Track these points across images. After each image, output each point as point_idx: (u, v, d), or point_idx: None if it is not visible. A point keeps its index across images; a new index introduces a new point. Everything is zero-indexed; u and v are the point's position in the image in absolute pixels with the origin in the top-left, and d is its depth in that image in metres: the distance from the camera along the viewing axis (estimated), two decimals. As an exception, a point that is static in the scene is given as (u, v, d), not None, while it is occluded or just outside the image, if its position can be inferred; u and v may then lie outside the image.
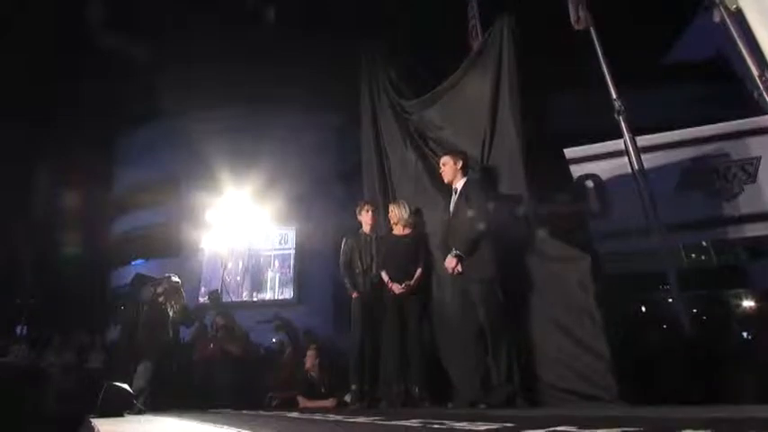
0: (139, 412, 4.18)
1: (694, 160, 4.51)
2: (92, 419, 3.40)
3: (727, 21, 3.39)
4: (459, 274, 3.27)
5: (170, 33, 15.09)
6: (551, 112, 3.57)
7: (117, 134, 18.94)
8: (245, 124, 15.89)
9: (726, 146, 4.47)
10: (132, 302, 5.65)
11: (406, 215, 3.99)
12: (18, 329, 9.51)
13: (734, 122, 4.58)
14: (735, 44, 3.40)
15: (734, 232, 4.43)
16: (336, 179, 13.89)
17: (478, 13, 5.39)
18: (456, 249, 3.29)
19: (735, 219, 4.31)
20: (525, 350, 3.17)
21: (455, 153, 3.66)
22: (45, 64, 15.27)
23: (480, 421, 1.85)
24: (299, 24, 15.78)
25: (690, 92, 11.20)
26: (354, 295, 4.06)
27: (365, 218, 4.25)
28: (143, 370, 4.80)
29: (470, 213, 3.31)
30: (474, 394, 3.22)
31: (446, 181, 3.64)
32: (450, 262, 3.28)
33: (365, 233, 4.22)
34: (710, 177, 4.46)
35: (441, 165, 3.66)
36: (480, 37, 5.00)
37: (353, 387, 3.96)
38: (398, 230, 4.03)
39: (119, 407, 3.85)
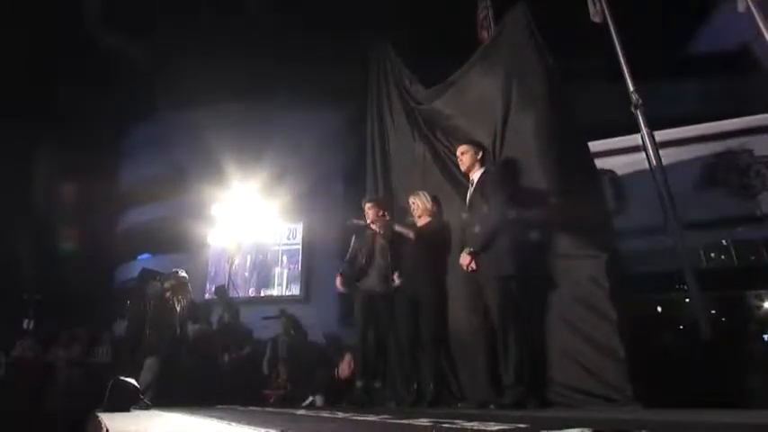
0: (146, 407, 4.16)
1: (715, 156, 4.37)
2: (98, 414, 3.38)
3: (753, 10, 3.27)
4: (474, 271, 3.15)
5: (175, 27, 15.12)
6: (570, 104, 3.45)
7: (122, 128, 19.03)
8: (252, 118, 15.89)
9: (749, 141, 4.32)
10: (139, 297, 5.63)
11: (429, 205, 3.91)
12: (25, 324, 9.59)
13: (758, 117, 4.42)
14: (760, 35, 3.28)
15: (756, 231, 4.30)
16: (345, 174, 13.85)
17: (491, 3, 5.30)
18: (470, 246, 3.18)
19: (757, 217, 4.18)
20: (538, 349, 3.09)
21: (475, 142, 3.54)
22: (47, 59, 15.36)
23: (492, 421, 1.79)
24: (306, 18, 15.74)
25: (711, 85, 10.96)
26: (338, 282, 4.13)
27: (368, 214, 4.20)
28: (150, 365, 4.79)
29: (485, 208, 3.21)
30: (484, 394, 3.15)
31: (464, 170, 3.51)
32: (465, 259, 3.16)
33: (370, 229, 4.18)
34: (732, 174, 4.31)
35: (459, 153, 3.53)
36: (493, 27, 4.92)
37: (359, 384, 3.92)
38: (421, 222, 3.95)
39: (125, 402, 3.83)
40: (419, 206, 3.94)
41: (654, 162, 4.03)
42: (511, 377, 2.93)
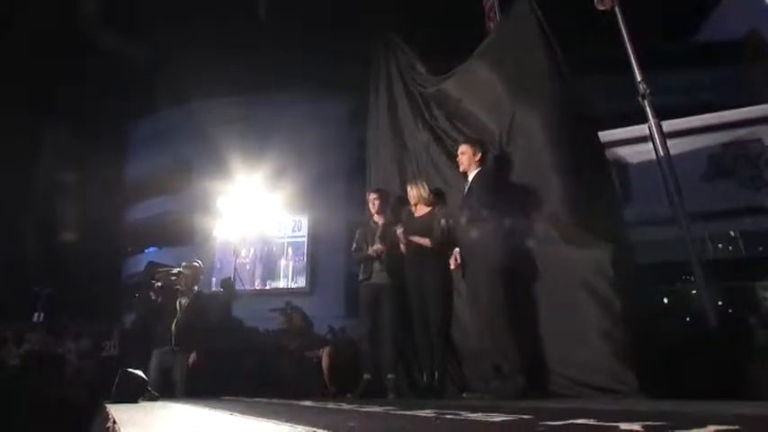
0: (153, 399, 4.21)
1: (723, 146, 4.31)
2: (107, 405, 3.42)
3: (763, -3, 3.20)
4: (458, 266, 3.30)
5: (180, 21, 15.10)
6: (579, 94, 3.42)
7: (129, 121, 19.12)
8: (258, 112, 15.89)
9: (758, 131, 4.25)
10: (146, 290, 5.68)
11: (425, 194, 3.89)
12: (35, 317, 9.73)
13: (766, 106, 4.35)
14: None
15: (765, 222, 4.25)
16: (350, 166, 13.86)
17: (497, -6, 5.24)
18: (460, 243, 3.32)
19: (766, 208, 4.12)
20: (540, 340, 3.09)
21: (475, 141, 3.56)
22: (53, 52, 15.39)
23: (495, 412, 1.78)
24: (311, 11, 15.66)
25: (720, 73, 10.80)
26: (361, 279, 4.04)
27: (374, 204, 4.18)
28: (155, 357, 4.83)
29: (474, 203, 3.27)
30: (489, 385, 3.17)
31: (461, 169, 3.57)
32: (452, 260, 3.35)
33: (374, 221, 4.17)
34: (741, 164, 4.26)
35: (459, 153, 3.57)
36: (498, 17, 4.87)
37: (366, 376, 3.93)
38: (419, 211, 3.93)
39: (133, 393, 3.88)
40: (415, 195, 3.92)
41: (661, 152, 3.98)
42: (507, 367, 2.95)
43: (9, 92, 13.89)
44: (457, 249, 3.46)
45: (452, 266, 3.29)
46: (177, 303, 5.02)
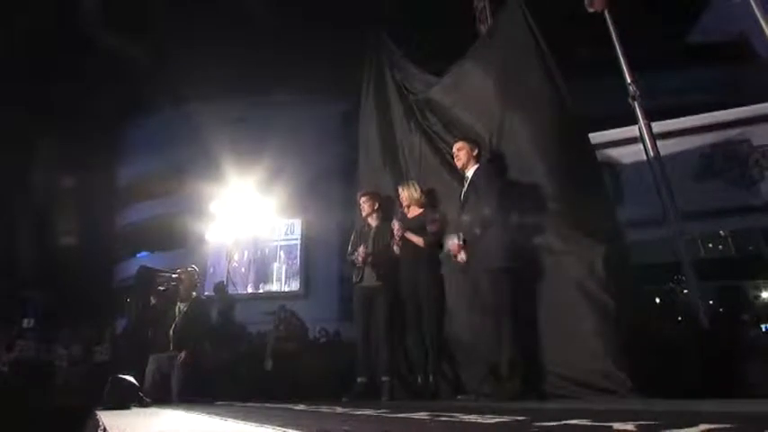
0: (145, 405, 4.16)
1: (713, 146, 4.36)
2: (98, 412, 3.37)
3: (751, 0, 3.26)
4: (465, 262, 3.21)
5: (174, 24, 15.03)
6: (569, 96, 3.43)
7: (121, 125, 18.98)
8: (251, 113, 15.84)
9: (747, 131, 4.31)
10: (138, 295, 5.63)
11: (417, 195, 3.88)
12: (25, 323, 9.61)
13: (755, 107, 4.41)
14: (758, 24, 3.25)
15: (754, 221, 4.29)
16: (344, 169, 13.85)
17: (487, -4, 5.26)
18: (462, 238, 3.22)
19: (755, 207, 4.17)
20: (536, 341, 3.09)
21: (471, 139, 3.54)
22: (47, 54, 15.25)
23: (490, 414, 1.78)
24: (305, 14, 15.65)
25: (709, 75, 10.94)
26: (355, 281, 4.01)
27: (363, 208, 4.17)
28: (153, 362, 4.78)
29: (477, 203, 3.23)
30: (483, 387, 3.16)
31: (459, 167, 3.53)
32: (453, 245, 3.22)
33: (367, 223, 4.15)
34: (730, 164, 4.31)
35: (455, 149, 3.54)
36: (489, 20, 4.89)
37: (360, 380, 3.91)
38: (411, 213, 3.92)
39: (124, 399, 3.83)
40: (407, 196, 3.90)
41: (651, 153, 4.01)
42: (506, 370, 2.94)
43: (2, 93, 13.75)
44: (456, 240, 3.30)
45: (461, 257, 3.19)
46: (176, 308, 4.97)
